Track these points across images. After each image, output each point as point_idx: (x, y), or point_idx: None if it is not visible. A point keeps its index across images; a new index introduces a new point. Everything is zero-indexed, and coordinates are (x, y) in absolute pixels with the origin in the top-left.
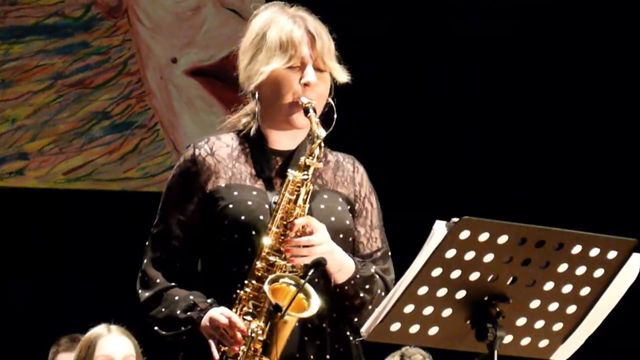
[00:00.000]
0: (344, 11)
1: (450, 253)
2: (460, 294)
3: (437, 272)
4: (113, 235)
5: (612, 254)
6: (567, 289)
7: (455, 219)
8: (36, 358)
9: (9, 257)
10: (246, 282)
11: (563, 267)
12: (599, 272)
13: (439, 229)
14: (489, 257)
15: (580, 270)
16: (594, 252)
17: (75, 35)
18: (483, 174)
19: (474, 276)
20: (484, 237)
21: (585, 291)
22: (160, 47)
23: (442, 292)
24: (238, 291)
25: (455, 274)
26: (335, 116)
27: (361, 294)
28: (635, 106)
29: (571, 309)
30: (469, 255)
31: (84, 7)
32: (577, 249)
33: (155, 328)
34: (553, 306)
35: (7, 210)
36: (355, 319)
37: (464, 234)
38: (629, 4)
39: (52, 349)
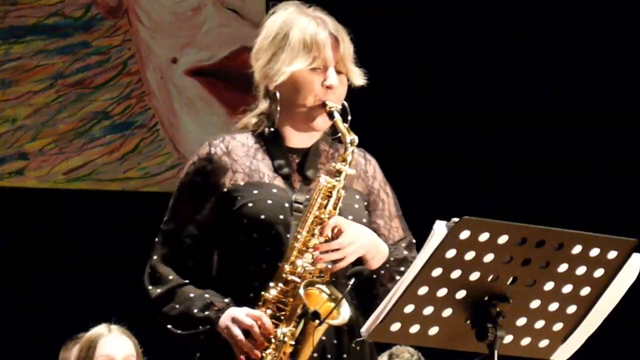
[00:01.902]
0: (344, 11)
1: (451, 253)
2: (461, 294)
3: (437, 272)
4: (113, 235)
5: (612, 254)
6: (567, 289)
7: (455, 219)
8: (36, 358)
9: (8, 257)
10: (272, 284)
11: (563, 267)
12: (599, 272)
13: (439, 229)
14: (489, 257)
15: (581, 270)
16: (594, 252)
17: (75, 35)
18: (483, 174)
19: (474, 276)
20: (484, 237)
21: (585, 291)
22: (160, 47)
23: (442, 292)
24: (262, 293)
25: (456, 274)
26: (349, 117)
27: (397, 277)
28: (635, 106)
29: (571, 309)
30: (469, 255)
31: (84, 7)
32: (577, 249)
33: (169, 326)
34: (553, 306)
35: (7, 210)
36: None
37: (464, 234)
38: (628, 4)
39: (69, 342)
